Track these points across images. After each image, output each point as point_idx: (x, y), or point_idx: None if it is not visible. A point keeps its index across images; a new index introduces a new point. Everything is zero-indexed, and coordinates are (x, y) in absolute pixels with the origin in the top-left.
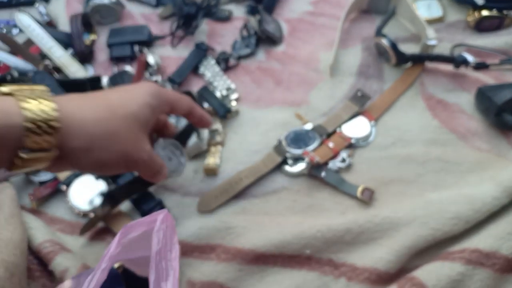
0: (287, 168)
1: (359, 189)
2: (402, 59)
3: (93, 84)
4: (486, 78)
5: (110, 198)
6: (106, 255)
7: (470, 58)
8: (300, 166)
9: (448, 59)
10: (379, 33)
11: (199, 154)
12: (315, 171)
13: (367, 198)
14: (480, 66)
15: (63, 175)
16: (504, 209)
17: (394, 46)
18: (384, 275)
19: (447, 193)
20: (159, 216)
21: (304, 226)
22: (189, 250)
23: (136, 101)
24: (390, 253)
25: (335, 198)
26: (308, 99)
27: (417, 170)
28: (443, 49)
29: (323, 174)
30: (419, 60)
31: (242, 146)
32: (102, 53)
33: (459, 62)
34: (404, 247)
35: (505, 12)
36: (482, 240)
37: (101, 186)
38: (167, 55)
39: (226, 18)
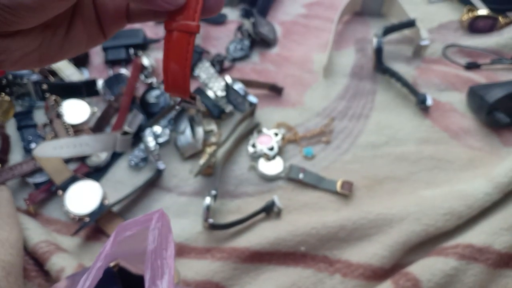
0: (262, 170)
1: (338, 184)
2: (380, 67)
3: (88, 87)
4: (478, 78)
5: None
6: (102, 254)
7: (430, 100)
8: (276, 170)
9: (413, 92)
10: (384, 33)
11: (195, 154)
12: (292, 174)
13: (347, 191)
14: (472, 66)
15: (59, 178)
16: (497, 204)
17: (379, 51)
18: (379, 270)
19: (439, 190)
20: (154, 215)
21: (298, 224)
22: (185, 252)
23: None
24: (384, 249)
25: (329, 196)
26: (303, 100)
27: (410, 168)
28: (435, 50)
29: (301, 176)
30: (392, 75)
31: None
32: (97, 57)
33: (420, 100)
34: (397, 243)
35: (500, 15)
36: (475, 236)
37: (97, 191)
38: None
39: (221, 22)
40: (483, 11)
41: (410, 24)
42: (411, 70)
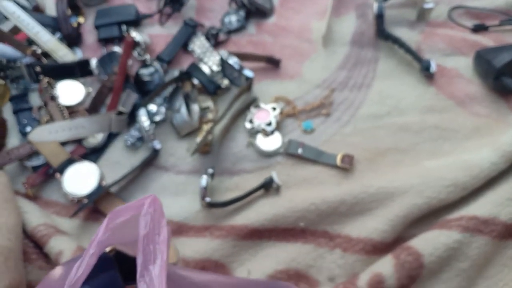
0: (260, 146)
1: (338, 157)
2: (381, 33)
3: (81, 67)
4: (486, 41)
5: None
6: (94, 241)
7: (434, 66)
8: (274, 145)
9: (417, 58)
10: None
11: (191, 132)
12: (290, 149)
13: (348, 164)
14: (479, 28)
15: (56, 161)
16: (503, 174)
17: (380, 17)
18: (379, 245)
19: (444, 160)
20: (146, 200)
21: (297, 199)
22: (184, 230)
23: None
24: (385, 223)
25: (329, 171)
26: (301, 71)
27: (413, 139)
28: (441, 12)
29: (299, 151)
30: (395, 41)
31: None
32: (90, 35)
33: (423, 67)
34: (399, 216)
35: None
36: (480, 207)
37: (95, 172)
38: (156, 34)
39: None
40: None
41: None
42: (415, 35)
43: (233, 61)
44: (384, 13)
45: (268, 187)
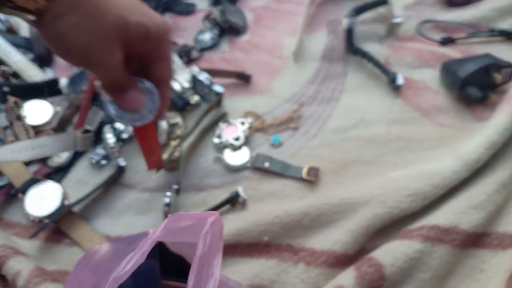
0: (228, 161)
1: (304, 170)
2: (351, 48)
3: (50, 86)
4: (453, 53)
5: None
6: (150, 239)
7: (400, 79)
8: (242, 160)
9: (385, 71)
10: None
11: None
12: (258, 163)
13: (313, 177)
14: (447, 41)
15: (19, 181)
16: (465, 182)
17: (349, 32)
18: (342, 257)
19: (406, 171)
20: (210, 217)
21: (261, 213)
22: None
23: (135, 9)
24: (347, 234)
25: (296, 184)
26: (271, 86)
27: (379, 151)
28: (410, 27)
29: (266, 164)
30: (364, 55)
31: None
32: None
33: (390, 79)
34: (361, 227)
35: None
36: (441, 216)
37: (57, 192)
38: None
39: (190, 11)
40: None
41: (382, 2)
42: (384, 49)
43: (203, 77)
44: (354, 28)
45: (234, 202)
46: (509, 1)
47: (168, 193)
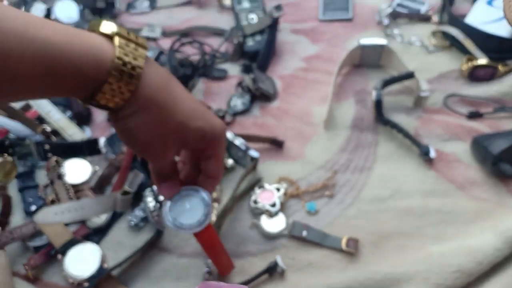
0: (265, 227)
1: (343, 241)
2: (380, 119)
3: (90, 146)
4: (482, 127)
5: None
6: None
7: (433, 152)
8: (279, 227)
9: (416, 143)
10: (383, 85)
11: None
12: (295, 231)
13: (353, 248)
14: (474, 115)
15: (59, 241)
16: (507, 260)
17: (378, 103)
18: None
19: (448, 245)
20: None
21: (300, 285)
22: None
23: (196, 114)
24: None
25: (334, 254)
26: (304, 153)
27: (417, 223)
28: (436, 100)
29: (304, 233)
30: (394, 126)
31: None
32: (100, 114)
33: (423, 152)
34: None
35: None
36: None
37: (96, 254)
38: None
39: (222, 77)
40: (482, 60)
41: (409, 76)
42: (413, 121)
43: (239, 142)
44: (382, 99)
45: (272, 271)
46: None
47: (209, 261)
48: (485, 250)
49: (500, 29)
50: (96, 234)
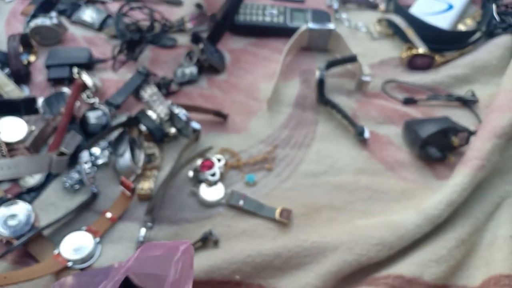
0: (203, 196)
1: (277, 211)
2: (321, 99)
3: (27, 105)
4: (414, 112)
5: None
6: (123, 268)
7: (367, 133)
8: (217, 196)
9: (352, 124)
10: (326, 66)
11: (133, 178)
12: (232, 200)
13: (285, 219)
14: (409, 101)
15: None
16: (427, 236)
17: (321, 83)
18: None
19: (373, 220)
20: (181, 246)
21: (234, 251)
22: None
23: None
24: (317, 278)
25: (268, 224)
26: (248, 126)
27: (347, 198)
28: (376, 84)
29: (241, 202)
30: (333, 107)
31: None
32: (39, 74)
33: (358, 132)
34: (330, 272)
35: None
36: (406, 267)
37: (28, 213)
38: (108, 78)
39: (171, 46)
40: (421, 49)
41: (352, 59)
42: (352, 103)
43: (180, 112)
44: (325, 80)
45: (206, 241)
46: (464, 71)
47: (143, 229)
48: (406, 225)
49: (441, 21)
50: (29, 194)
